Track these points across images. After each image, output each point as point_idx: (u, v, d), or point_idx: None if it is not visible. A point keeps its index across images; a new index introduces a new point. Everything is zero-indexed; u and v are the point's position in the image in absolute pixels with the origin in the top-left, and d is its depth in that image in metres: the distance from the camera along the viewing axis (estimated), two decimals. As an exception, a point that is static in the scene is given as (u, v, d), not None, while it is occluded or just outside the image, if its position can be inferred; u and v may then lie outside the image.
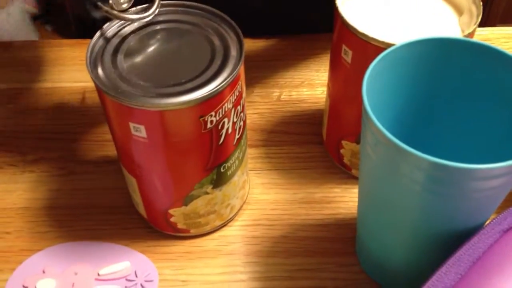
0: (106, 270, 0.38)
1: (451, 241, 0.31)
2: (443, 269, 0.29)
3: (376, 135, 0.28)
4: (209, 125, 0.33)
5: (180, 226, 0.40)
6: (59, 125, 0.49)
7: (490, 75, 0.32)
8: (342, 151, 0.43)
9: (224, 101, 0.33)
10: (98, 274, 0.38)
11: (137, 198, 0.39)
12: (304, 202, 0.43)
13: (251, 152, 0.46)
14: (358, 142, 0.41)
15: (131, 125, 0.33)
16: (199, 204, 0.38)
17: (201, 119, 0.33)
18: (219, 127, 0.34)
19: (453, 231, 0.30)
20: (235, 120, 0.35)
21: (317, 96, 0.50)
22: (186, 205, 0.38)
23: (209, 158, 0.35)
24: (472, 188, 0.28)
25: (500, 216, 0.30)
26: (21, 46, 0.56)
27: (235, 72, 0.33)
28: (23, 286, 0.38)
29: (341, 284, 0.38)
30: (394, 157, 0.28)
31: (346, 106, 0.40)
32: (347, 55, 0.37)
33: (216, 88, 0.32)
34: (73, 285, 0.38)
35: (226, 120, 0.34)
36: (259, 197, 0.43)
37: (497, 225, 0.30)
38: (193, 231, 0.40)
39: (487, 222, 0.31)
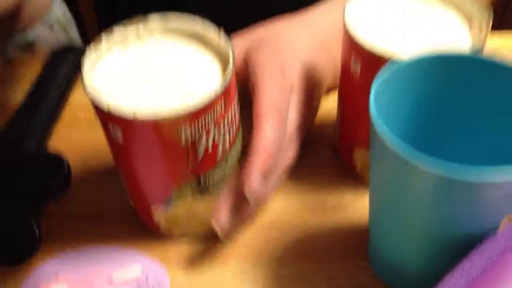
0: (118, 274, 0.39)
1: (465, 245, 0.30)
2: (455, 273, 0.28)
3: (385, 149, 0.28)
4: (183, 142, 0.33)
5: (162, 226, 0.40)
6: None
7: (501, 90, 0.32)
8: (355, 157, 0.43)
9: (199, 119, 0.32)
10: (110, 279, 0.38)
11: (125, 188, 0.40)
12: (315, 208, 0.43)
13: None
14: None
15: None
16: (179, 209, 0.38)
17: (174, 132, 0.32)
18: (195, 144, 0.34)
19: (467, 234, 0.30)
20: (216, 137, 0.34)
21: (328, 102, 0.49)
22: (166, 207, 0.38)
23: (186, 169, 0.35)
24: (486, 196, 0.27)
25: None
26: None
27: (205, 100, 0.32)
28: (36, 290, 0.38)
29: (353, 289, 0.38)
30: (402, 170, 0.28)
31: (357, 117, 0.40)
32: (356, 67, 0.37)
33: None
34: (85, 289, 0.38)
35: (204, 136, 0.34)
36: (269, 204, 0.43)
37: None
38: (176, 234, 0.41)
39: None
